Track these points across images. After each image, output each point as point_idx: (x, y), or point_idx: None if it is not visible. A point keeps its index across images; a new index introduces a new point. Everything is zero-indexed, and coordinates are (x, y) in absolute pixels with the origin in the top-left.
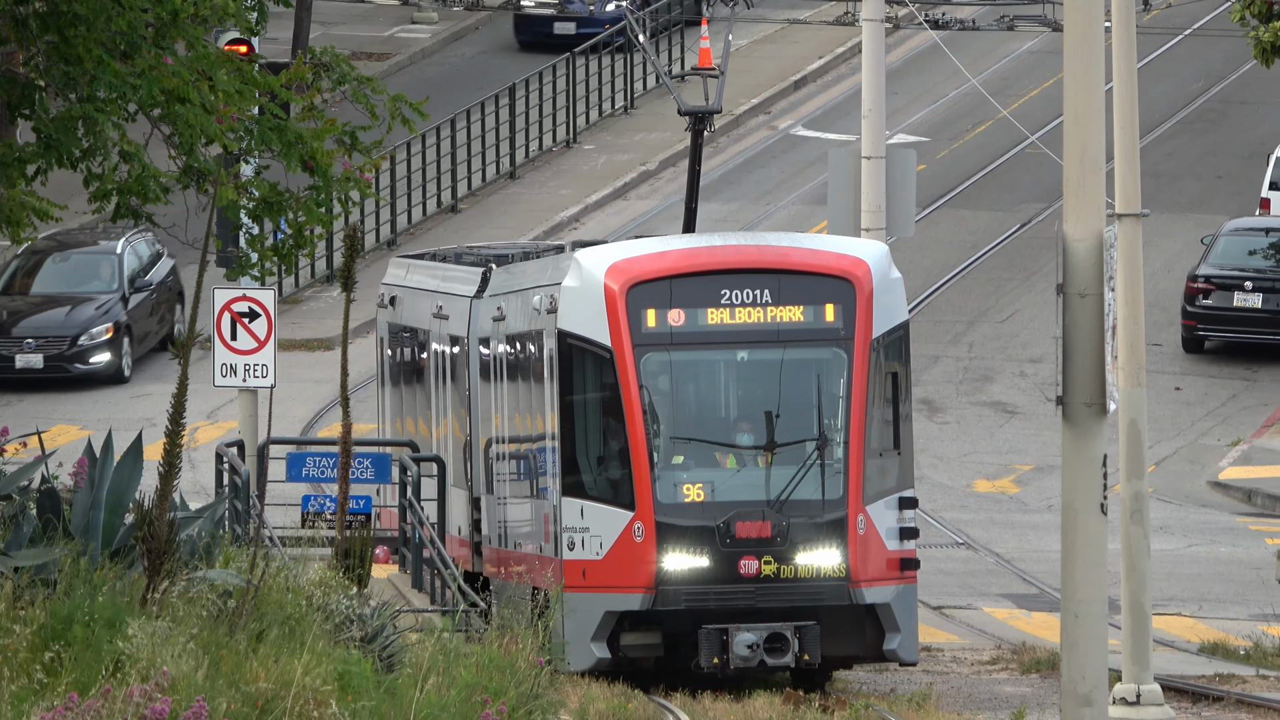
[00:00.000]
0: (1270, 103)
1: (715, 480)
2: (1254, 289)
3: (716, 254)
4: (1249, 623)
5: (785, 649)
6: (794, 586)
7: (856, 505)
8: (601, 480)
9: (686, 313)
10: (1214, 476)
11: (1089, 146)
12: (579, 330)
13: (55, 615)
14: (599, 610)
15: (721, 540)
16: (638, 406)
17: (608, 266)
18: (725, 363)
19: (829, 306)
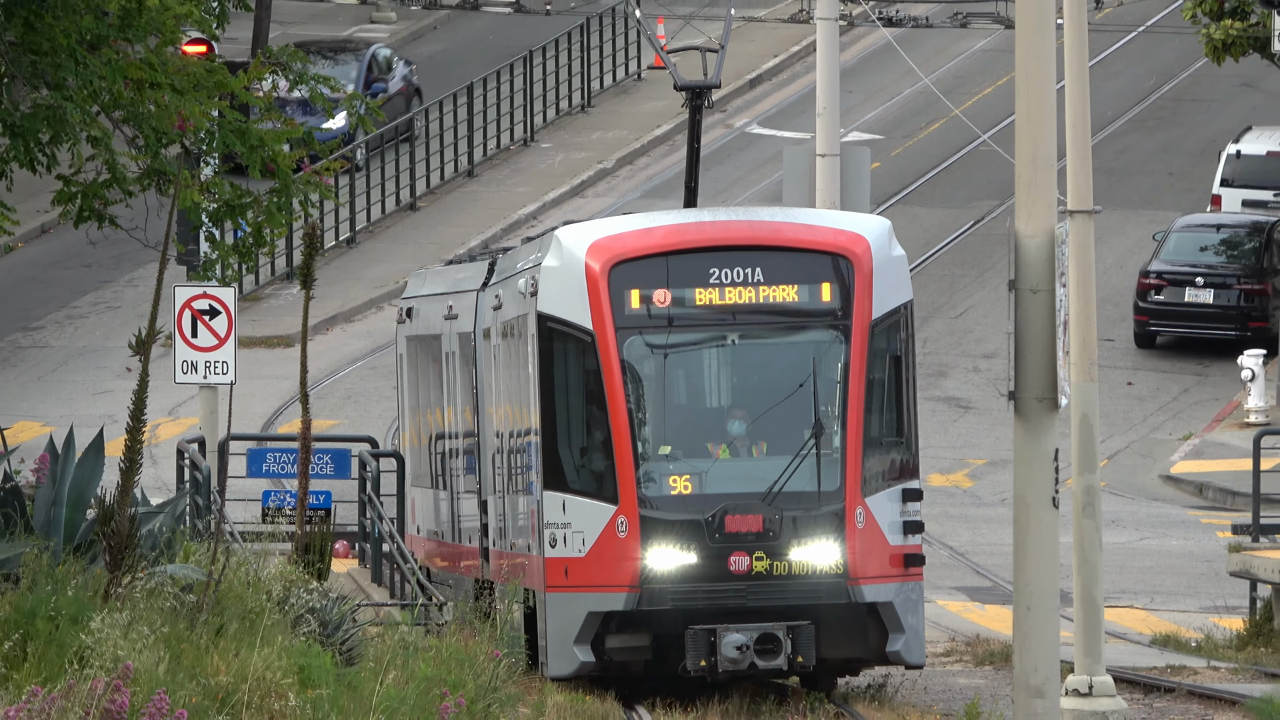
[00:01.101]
0: (1221, 100)
1: (704, 471)
2: (1205, 285)
3: (705, 230)
4: (1200, 615)
5: (777, 650)
6: (788, 584)
7: (855, 497)
8: (584, 473)
9: (673, 293)
10: (1166, 470)
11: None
12: (559, 313)
13: (18, 610)
14: (581, 611)
15: (710, 535)
16: (621, 393)
17: (589, 245)
18: (714, 346)
19: (825, 285)
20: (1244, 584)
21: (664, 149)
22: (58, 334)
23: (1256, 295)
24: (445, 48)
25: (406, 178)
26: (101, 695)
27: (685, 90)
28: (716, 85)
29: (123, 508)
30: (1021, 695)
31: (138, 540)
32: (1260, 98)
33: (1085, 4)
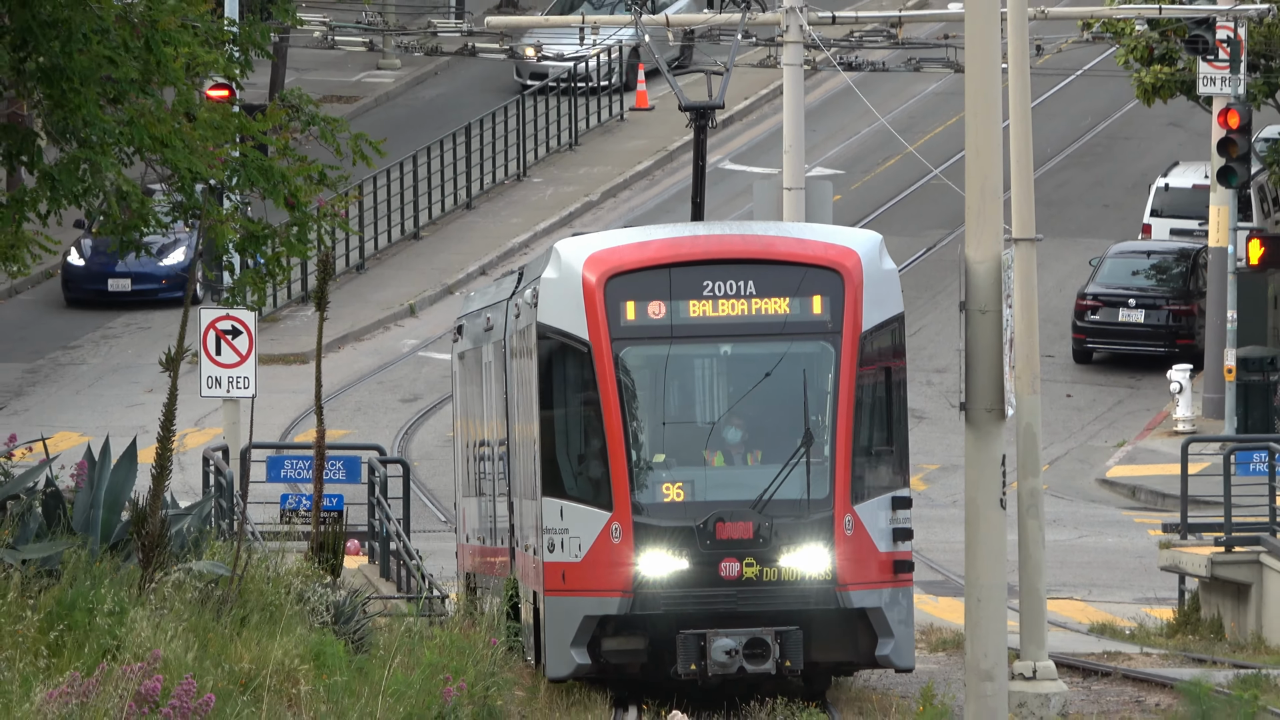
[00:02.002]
0: (1151, 138)
1: (696, 479)
2: (1137, 305)
3: (699, 244)
4: (1134, 606)
5: (766, 655)
6: (777, 590)
7: (844, 505)
8: (580, 480)
9: (667, 305)
10: (1102, 474)
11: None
12: (557, 323)
13: (60, 603)
14: (578, 615)
15: (702, 541)
16: (615, 402)
17: (586, 257)
18: (707, 357)
19: (816, 298)
20: (1173, 578)
21: (644, 183)
22: (94, 352)
23: (1184, 315)
24: (445, 91)
25: (410, 209)
26: (135, 680)
27: (689, 110)
28: (720, 106)
29: (154, 510)
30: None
31: (168, 539)
32: (1186, 136)
33: (1027, 51)
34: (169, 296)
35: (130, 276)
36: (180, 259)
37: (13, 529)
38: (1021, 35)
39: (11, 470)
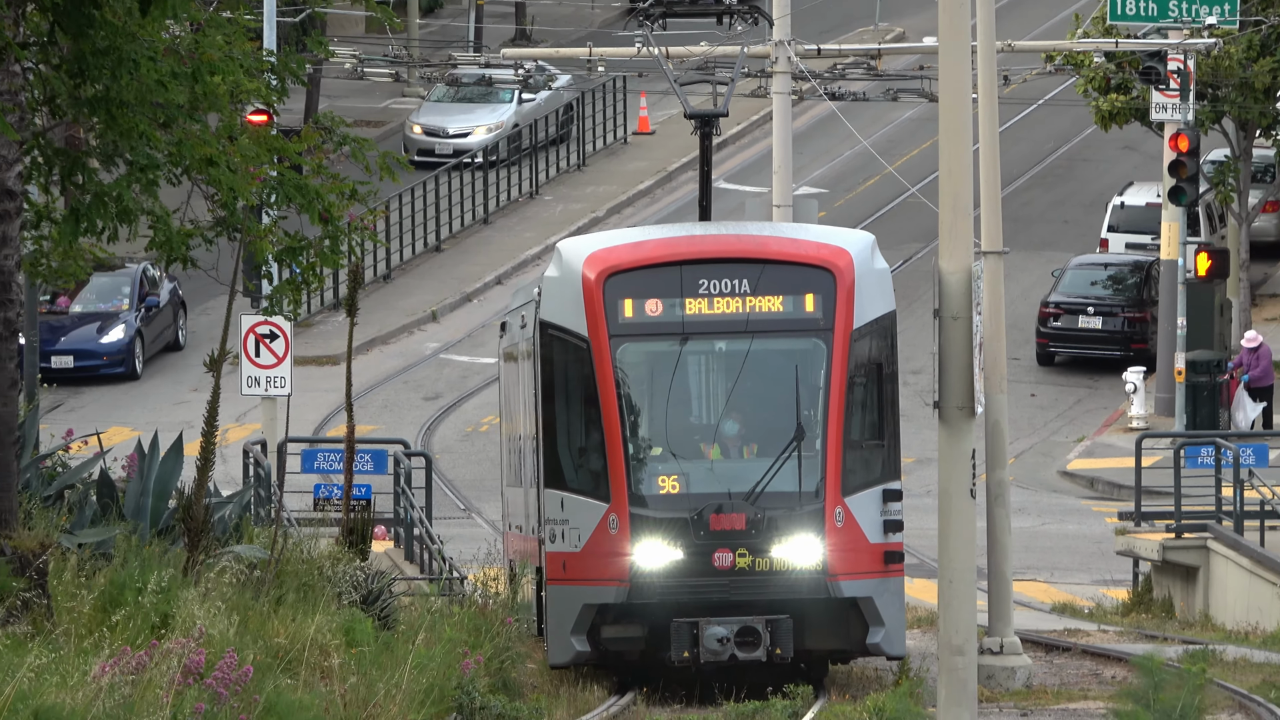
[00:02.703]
0: (1108, 160)
1: (691, 472)
2: (1095, 313)
3: (695, 244)
4: (1092, 587)
5: (756, 643)
6: (769, 579)
7: (835, 497)
8: (580, 472)
9: (664, 303)
10: (1063, 467)
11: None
12: (558, 321)
13: (112, 583)
14: (578, 603)
15: (696, 532)
16: (613, 397)
17: (586, 256)
18: (703, 353)
19: (808, 296)
20: (1128, 561)
21: (645, 201)
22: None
23: (1138, 322)
24: None
25: (433, 224)
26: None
27: (694, 118)
28: (724, 114)
29: (198, 498)
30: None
31: (211, 525)
32: (1140, 158)
33: (995, 81)
34: (111, 373)
35: (72, 354)
36: (120, 336)
37: (69, 516)
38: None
39: (68, 462)
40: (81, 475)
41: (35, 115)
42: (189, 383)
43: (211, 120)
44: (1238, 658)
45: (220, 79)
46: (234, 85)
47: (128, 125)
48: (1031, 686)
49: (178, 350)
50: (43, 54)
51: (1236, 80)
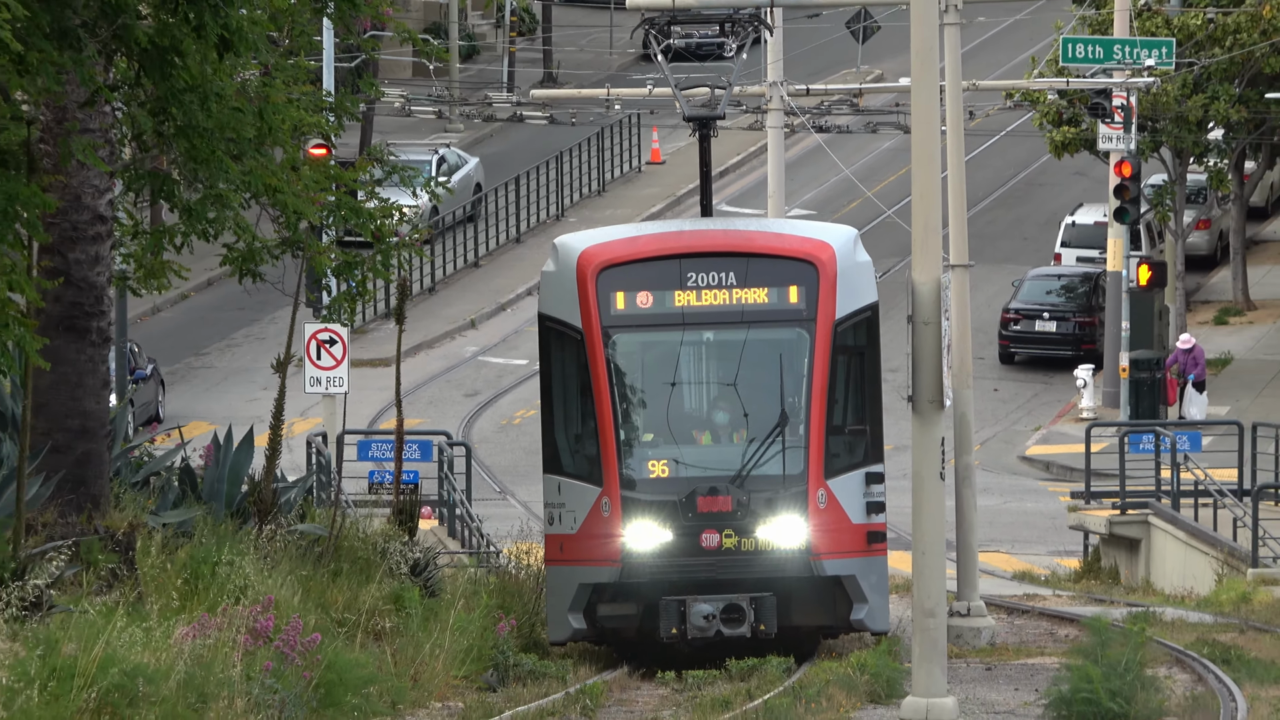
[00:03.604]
0: (1061, 185)
1: (679, 456)
2: (1050, 318)
3: (684, 238)
4: (1048, 557)
5: (741, 619)
6: (754, 559)
7: (818, 480)
8: (577, 457)
9: (654, 295)
10: (1022, 453)
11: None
12: (555, 313)
13: (192, 558)
14: (574, 583)
15: (684, 514)
16: (606, 385)
17: (580, 251)
18: (691, 343)
19: (792, 288)
20: (1079, 535)
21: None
22: (220, 358)
23: (1087, 325)
24: (500, 149)
25: (473, 243)
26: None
27: (691, 120)
28: (720, 117)
29: (267, 483)
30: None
31: (278, 507)
32: (1089, 183)
33: (961, 116)
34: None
35: None
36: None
37: (155, 499)
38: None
39: (153, 452)
40: (165, 464)
41: (124, 148)
42: (259, 382)
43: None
44: (1175, 619)
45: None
46: (297, 121)
47: (205, 155)
48: (995, 644)
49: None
50: (129, 95)
51: (1172, 114)
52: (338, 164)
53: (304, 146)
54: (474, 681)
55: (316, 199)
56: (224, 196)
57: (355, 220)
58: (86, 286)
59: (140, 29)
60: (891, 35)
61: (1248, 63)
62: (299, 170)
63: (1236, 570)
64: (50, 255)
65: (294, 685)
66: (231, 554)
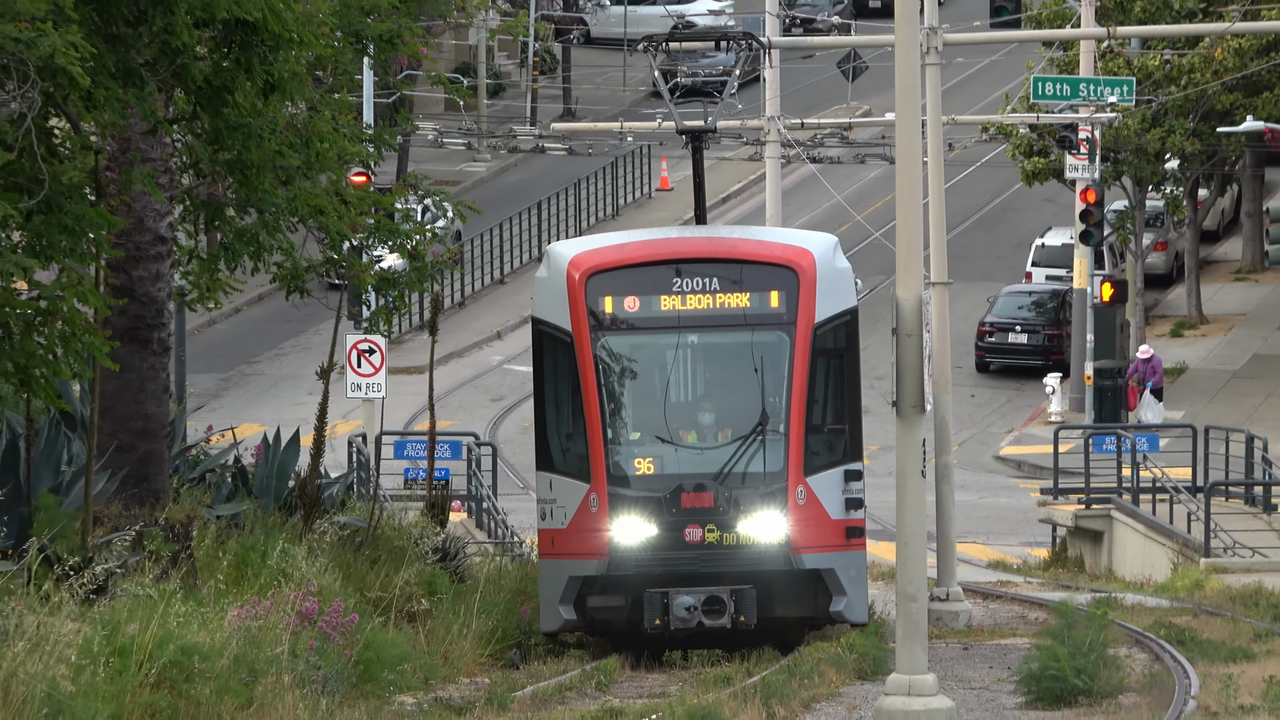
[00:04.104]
0: (1032, 210)
1: (664, 455)
2: (1021, 331)
3: (670, 245)
4: (1019, 548)
5: (722, 611)
6: (735, 553)
7: (797, 477)
8: (566, 455)
9: (641, 299)
10: (996, 452)
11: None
12: (546, 316)
13: (243, 546)
14: (564, 575)
15: (668, 510)
16: (594, 386)
17: (571, 258)
18: (676, 345)
19: (773, 293)
20: (1048, 528)
21: None
22: (270, 366)
23: (1055, 338)
24: (524, 177)
25: (498, 262)
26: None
27: (685, 134)
28: (712, 130)
29: (312, 479)
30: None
31: (322, 501)
32: (1057, 209)
33: (941, 148)
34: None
35: None
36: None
37: (210, 494)
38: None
39: (209, 451)
40: (219, 462)
41: (183, 176)
42: (305, 388)
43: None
44: (1135, 603)
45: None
46: (339, 151)
47: (256, 184)
48: (971, 626)
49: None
50: (187, 128)
51: (1133, 146)
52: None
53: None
54: (499, 659)
55: (358, 222)
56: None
57: (392, 241)
58: (148, 301)
59: (197, 68)
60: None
61: (1201, 100)
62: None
63: (1190, 560)
64: (115, 272)
65: (335, 662)
66: (278, 543)
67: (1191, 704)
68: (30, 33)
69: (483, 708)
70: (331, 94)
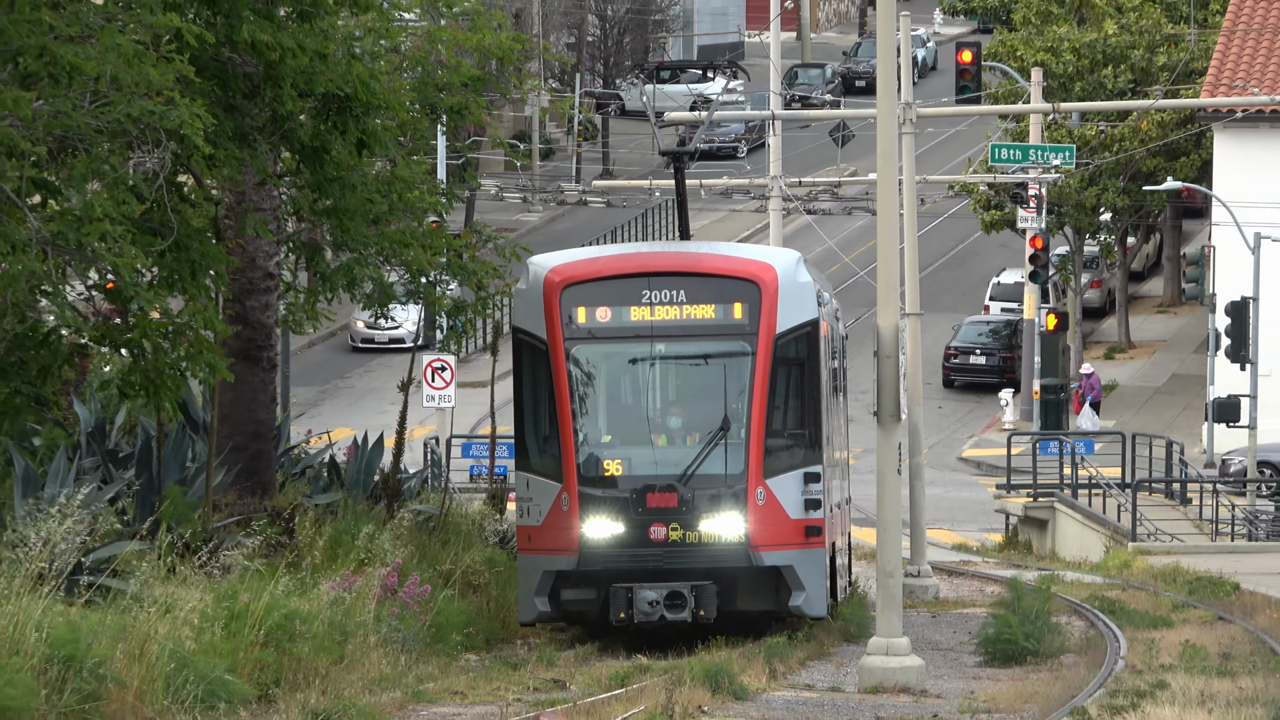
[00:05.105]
0: (989, 254)
1: (632, 457)
2: (981, 354)
3: (640, 259)
4: (979, 533)
5: (683, 605)
6: (698, 550)
7: (756, 479)
8: (542, 456)
9: (613, 310)
10: (960, 454)
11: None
12: (524, 326)
13: (337, 530)
14: (539, 569)
15: (634, 509)
16: (566, 391)
17: (547, 270)
18: (645, 354)
19: (737, 305)
20: (1002, 517)
21: None
22: (359, 380)
23: (1008, 359)
24: (570, 225)
25: None
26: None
27: (666, 155)
28: (692, 154)
29: (393, 474)
30: (881, 576)
31: (401, 492)
32: (1010, 253)
33: (915, 202)
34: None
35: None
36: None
37: (309, 486)
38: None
39: (308, 451)
40: (317, 460)
41: (288, 222)
42: (388, 398)
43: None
44: (1074, 579)
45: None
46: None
47: (349, 226)
48: (939, 598)
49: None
50: (292, 182)
51: (1073, 201)
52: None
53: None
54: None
55: (434, 259)
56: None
57: (461, 274)
58: (259, 326)
59: (301, 131)
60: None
61: (1129, 163)
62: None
63: (1120, 544)
64: (232, 303)
65: (412, 626)
66: (366, 527)
67: (1121, 663)
68: (162, 105)
69: (534, 664)
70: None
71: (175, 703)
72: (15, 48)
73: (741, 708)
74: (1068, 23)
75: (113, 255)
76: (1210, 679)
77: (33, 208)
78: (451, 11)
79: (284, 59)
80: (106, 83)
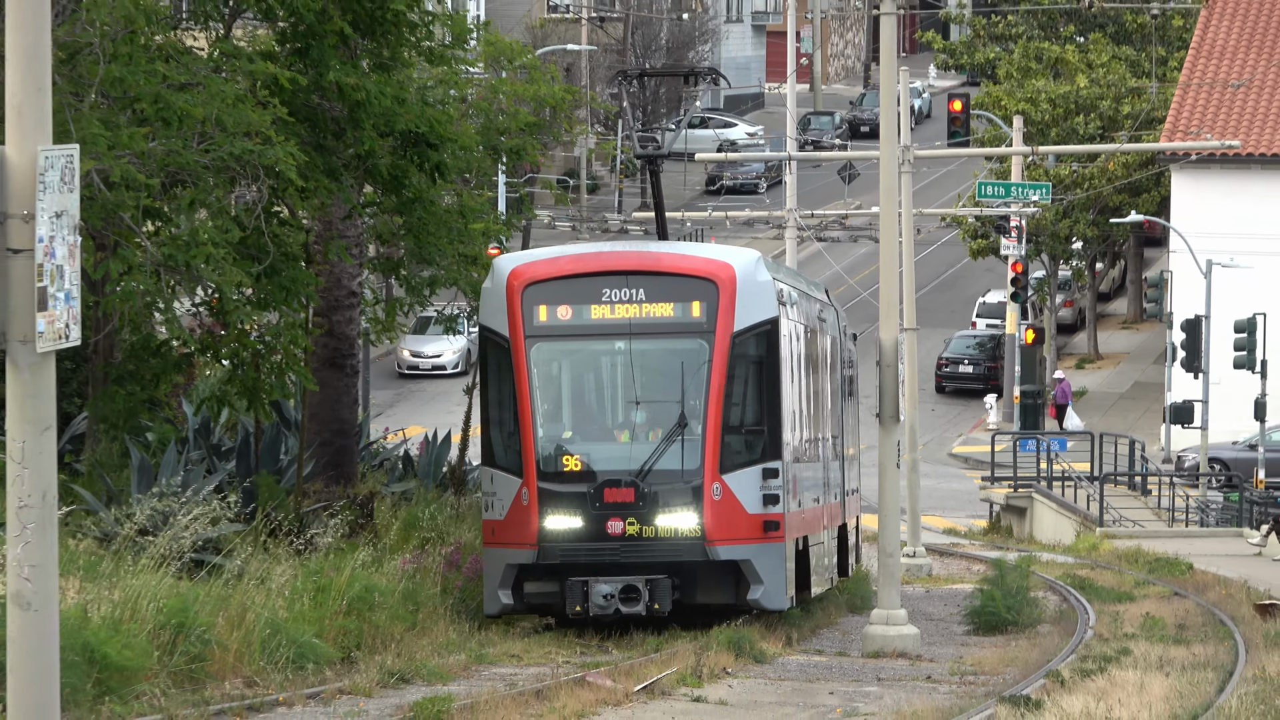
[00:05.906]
0: (976, 277)
1: (591, 452)
2: (969, 364)
3: (601, 259)
4: (967, 519)
5: (638, 599)
6: (654, 544)
7: (713, 475)
8: (505, 452)
9: (573, 308)
10: (950, 451)
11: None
12: (489, 324)
13: (410, 514)
14: (502, 563)
15: (592, 504)
16: (527, 388)
17: (510, 270)
18: (604, 351)
19: (695, 303)
20: (987, 505)
21: None
22: (429, 385)
23: (992, 369)
24: None
25: None
26: (446, 553)
27: (640, 159)
28: (665, 156)
29: (459, 466)
30: (882, 556)
31: (466, 482)
32: (995, 275)
33: (912, 231)
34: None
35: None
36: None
37: (386, 476)
38: (909, 224)
39: (385, 445)
40: (393, 453)
41: (369, 246)
42: (455, 400)
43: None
44: (1049, 560)
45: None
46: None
47: (430, 239)
48: (932, 575)
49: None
50: (374, 210)
51: (1049, 232)
52: None
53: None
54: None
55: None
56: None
57: None
58: (343, 337)
59: (382, 165)
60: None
61: (1098, 199)
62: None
63: (1089, 529)
64: (320, 318)
65: (474, 597)
66: (435, 512)
67: (1090, 632)
68: (260, 145)
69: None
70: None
71: (270, 664)
72: (134, 95)
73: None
74: (1045, 77)
75: (216, 275)
76: (1168, 646)
77: (147, 234)
78: (512, 65)
79: (368, 100)
80: (212, 125)
